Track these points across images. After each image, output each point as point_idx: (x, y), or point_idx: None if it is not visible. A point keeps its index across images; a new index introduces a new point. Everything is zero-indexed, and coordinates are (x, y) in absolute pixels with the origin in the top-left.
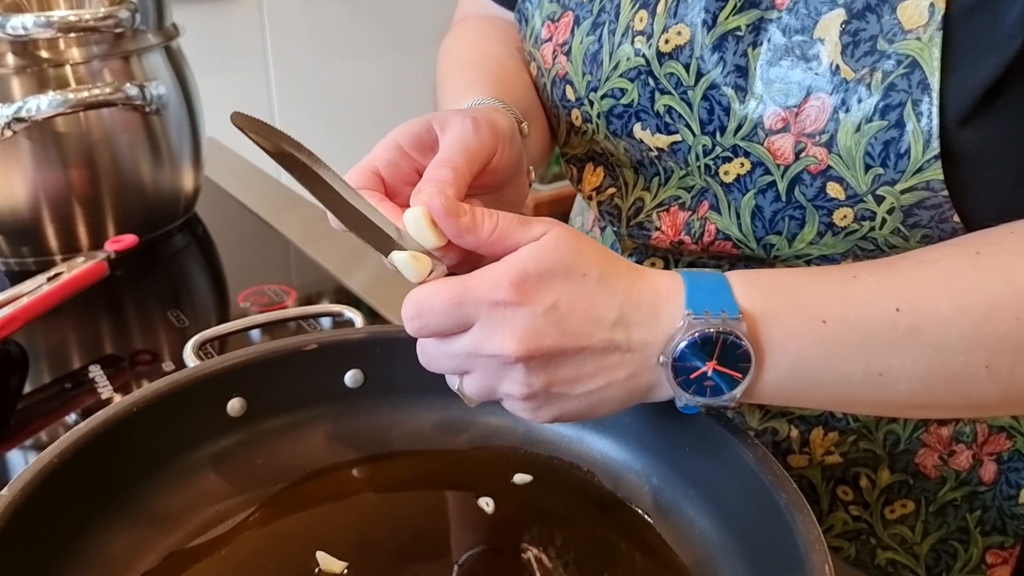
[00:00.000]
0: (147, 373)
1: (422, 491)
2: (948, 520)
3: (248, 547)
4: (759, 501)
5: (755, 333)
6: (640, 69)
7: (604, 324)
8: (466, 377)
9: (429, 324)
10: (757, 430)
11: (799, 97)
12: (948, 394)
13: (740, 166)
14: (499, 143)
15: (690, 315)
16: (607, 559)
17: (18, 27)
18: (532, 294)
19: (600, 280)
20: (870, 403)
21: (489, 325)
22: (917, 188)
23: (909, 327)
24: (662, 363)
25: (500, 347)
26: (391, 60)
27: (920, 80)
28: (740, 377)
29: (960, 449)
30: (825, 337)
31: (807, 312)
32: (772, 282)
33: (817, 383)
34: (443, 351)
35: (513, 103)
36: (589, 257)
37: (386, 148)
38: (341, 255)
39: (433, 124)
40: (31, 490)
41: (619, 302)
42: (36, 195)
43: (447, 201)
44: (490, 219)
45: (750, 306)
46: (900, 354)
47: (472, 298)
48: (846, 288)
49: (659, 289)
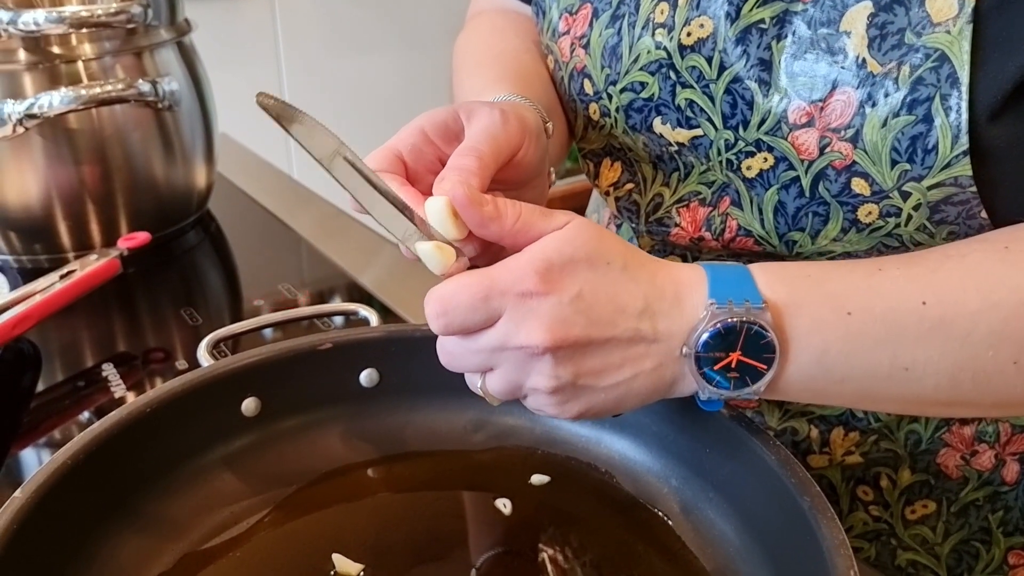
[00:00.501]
0: (160, 371)
1: (438, 492)
2: (970, 520)
3: (263, 549)
4: (781, 504)
5: (779, 323)
6: (661, 62)
7: (630, 313)
8: (490, 374)
9: (455, 321)
10: (777, 430)
11: (824, 91)
12: (975, 391)
13: (763, 161)
14: (526, 137)
15: (713, 304)
16: (626, 561)
17: (30, 23)
18: (557, 283)
19: (624, 269)
20: (896, 399)
21: (516, 317)
22: (945, 184)
23: (936, 321)
24: (685, 354)
25: (527, 338)
26: (403, 55)
27: (949, 74)
28: (764, 368)
29: (983, 449)
30: (850, 329)
31: (832, 303)
32: (796, 273)
33: (842, 376)
34: (467, 348)
35: (534, 100)
36: (612, 246)
37: (410, 133)
38: (354, 252)
39: (460, 113)
40: (44, 492)
41: (643, 291)
42: (48, 192)
43: (470, 191)
44: (513, 209)
45: (774, 296)
46: (926, 348)
47: (498, 290)
48: (872, 280)
49: (682, 280)
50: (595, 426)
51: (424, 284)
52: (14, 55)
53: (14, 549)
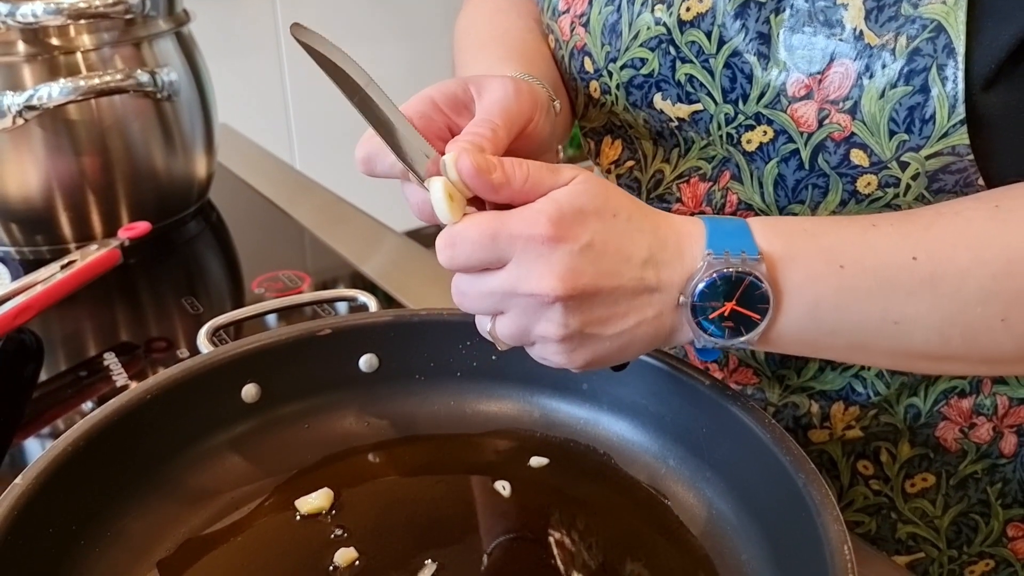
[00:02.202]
0: (162, 360)
1: (438, 475)
2: (969, 493)
3: (264, 533)
4: (777, 481)
5: (774, 275)
6: (661, 38)
7: (635, 263)
8: (499, 318)
9: (461, 255)
10: (777, 405)
11: (822, 64)
12: (964, 346)
13: (763, 134)
14: (538, 109)
15: (710, 255)
16: (625, 541)
17: (28, 14)
18: (569, 232)
19: (629, 220)
20: (886, 352)
21: (526, 262)
22: (943, 153)
23: (926, 276)
24: (682, 303)
25: (538, 286)
26: (405, 44)
27: (945, 44)
28: (758, 319)
29: (980, 422)
30: (843, 282)
31: (826, 257)
32: (792, 227)
33: (833, 328)
34: (478, 288)
35: (540, 79)
36: (618, 198)
37: (420, 101)
38: (355, 240)
39: (470, 85)
40: (44, 479)
41: (648, 242)
42: (49, 183)
43: (476, 159)
44: (521, 169)
45: (770, 249)
46: (917, 303)
47: (507, 232)
48: (866, 236)
49: (683, 231)
50: (593, 408)
51: (427, 272)
52: (13, 47)
53: (15, 536)
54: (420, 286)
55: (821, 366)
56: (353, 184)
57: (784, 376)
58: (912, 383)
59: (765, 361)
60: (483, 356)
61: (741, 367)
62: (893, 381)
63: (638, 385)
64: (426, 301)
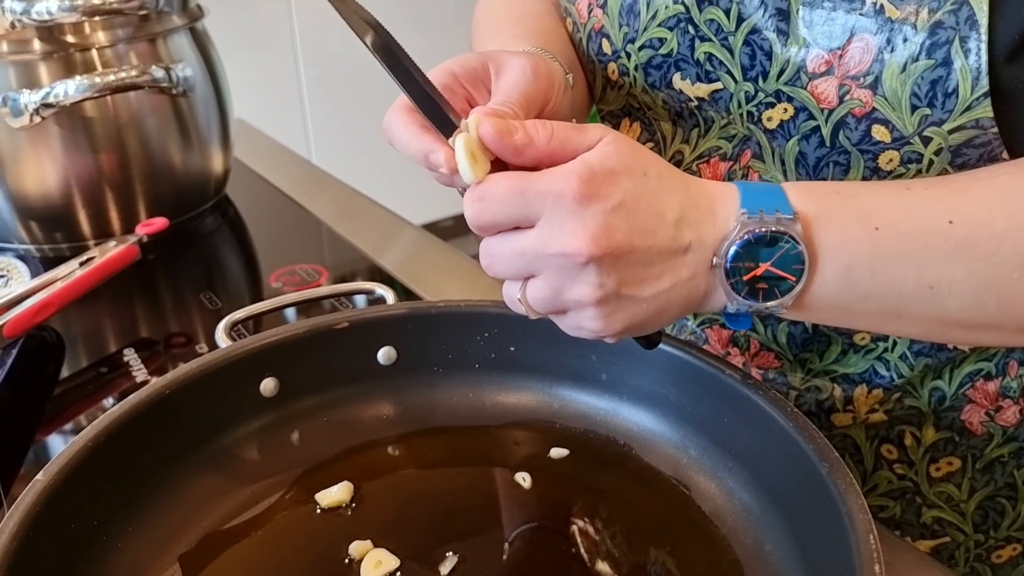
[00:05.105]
0: (182, 355)
1: (458, 468)
2: (995, 477)
3: (284, 527)
4: (800, 471)
5: (808, 235)
6: (679, 17)
7: (667, 221)
8: (530, 282)
9: (488, 210)
10: (800, 390)
11: (842, 39)
12: (999, 312)
13: (783, 112)
14: (555, 89)
15: (744, 214)
16: (646, 531)
17: (43, 12)
18: (600, 190)
19: (660, 178)
20: (920, 318)
21: (557, 219)
22: (966, 127)
23: (962, 240)
24: (715, 264)
25: (571, 244)
26: (419, 38)
27: (968, 16)
28: (794, 280)
29: (1007, 404)
30: (877, 244)
31: (860, 219)
32: (826, 190)
33: (867, 292)
34: (508, 248)
35: (556, 56)
36: (647, 158)
37: (440, 73)
38: (372, 233)
39: (489, 63)
40: (66, 475)
41: (679, 201)
42: (67, 180)
43: (496, 123)
44: (544, 129)
45: (804, 209)
46: (951, 267)
47: (536, 188)
48: (900, 198)
49: (714, 193)
50: (613, 398)
51: (444, 265)
52: (29, 45)
53: (37, 531)
54: (437, 278)
55: (844, 349)
56: (369, 177)
57: (806, 360)
58: (936, 365)
59: (787, 344)
60: (501, 347)
61: (763, 351)
62: (917, 363)
63: (658, 374)
64: (443, 293)
